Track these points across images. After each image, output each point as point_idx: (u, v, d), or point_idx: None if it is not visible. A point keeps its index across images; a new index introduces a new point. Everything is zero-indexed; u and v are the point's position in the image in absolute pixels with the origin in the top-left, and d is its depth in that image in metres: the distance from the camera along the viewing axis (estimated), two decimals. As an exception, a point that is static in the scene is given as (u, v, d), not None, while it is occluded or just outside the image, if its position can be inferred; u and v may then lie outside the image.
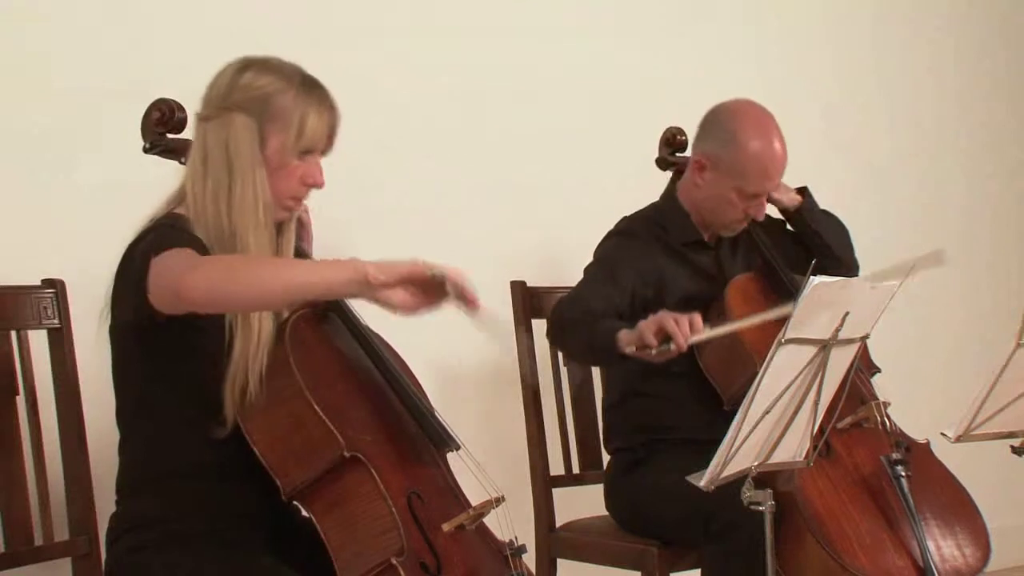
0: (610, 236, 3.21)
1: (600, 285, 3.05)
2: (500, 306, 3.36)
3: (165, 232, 2.23)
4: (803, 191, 3.27)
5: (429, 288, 2.16)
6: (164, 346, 2.26)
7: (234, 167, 2.27)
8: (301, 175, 2.33)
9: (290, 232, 2.41)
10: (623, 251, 3.14)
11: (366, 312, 2.43)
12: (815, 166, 4.36)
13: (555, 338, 3.12)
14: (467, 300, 2.16)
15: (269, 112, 2.29)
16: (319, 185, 2.36)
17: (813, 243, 3.25)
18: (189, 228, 2.26)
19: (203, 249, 2.22)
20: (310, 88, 2.33)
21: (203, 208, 2.28)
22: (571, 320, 3.00)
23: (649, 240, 3.16)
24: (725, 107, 3.13)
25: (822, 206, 3.32)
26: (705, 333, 2.73)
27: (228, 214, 2.27)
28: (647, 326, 2.74)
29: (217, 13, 3.27)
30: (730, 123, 3.08)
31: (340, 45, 3.42)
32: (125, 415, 2.36)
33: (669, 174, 3.32)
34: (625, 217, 3.25)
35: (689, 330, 2.70)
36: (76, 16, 3.09)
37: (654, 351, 2.73)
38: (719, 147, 3.08)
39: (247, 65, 2.33)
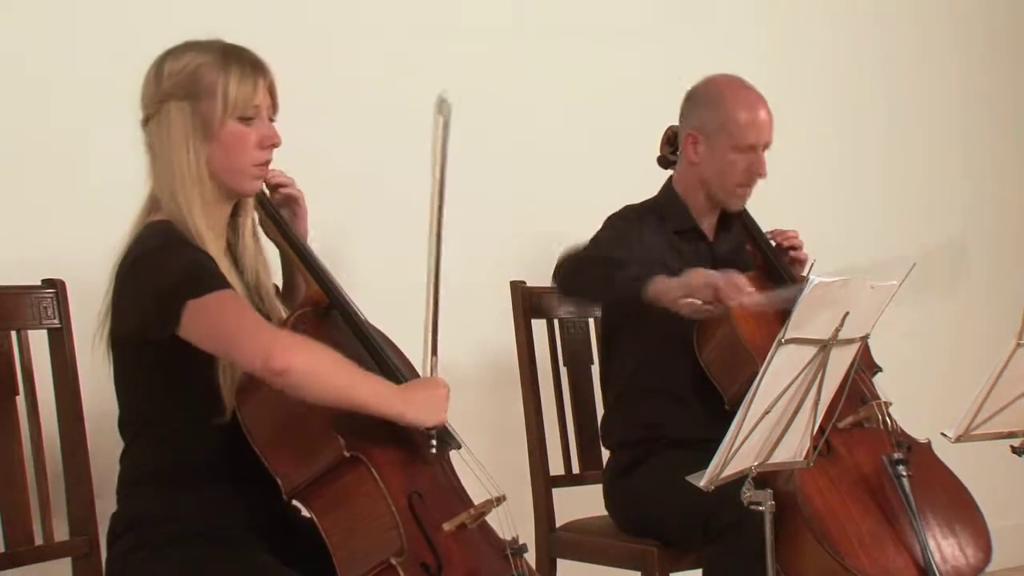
0: (614, 218, 3.20)
1: (615, 247, 3.06)
2: (500, 306, 3.36)
3: (189, 267, 2.21)
4: None
5: None
6: (165, 354, 2.25)
7: (174, 153, 2.28)
8: (257, 140, 2.32)
9: (248, 210, 2.41)
10: (629, 230, 3.14)
11: (368, 310, 2.44)
12: (817, 166, 4.38)
13: (566, 274, 3.06)
14: None
15: (198, 88, 2.29)
16: (277, 143, 2.35)
17: None
18: (178, 232, 2.26)
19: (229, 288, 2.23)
20: (229, 55, 2.32)
21: (165, 204, 2.29)
22: (590, 259, 3.02)
23: (649, 226, 3.17)
24: (700, 83, 3.22)
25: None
26: (756, 298, 2.75)
27: (180, 201, 2.27)
28: (696, 279, 2.79)
29: (220, 12, 3.26)
30: (708, 90, 3.19)
31: (342, 45, 3.42)
32: (127, 422, 2.36)
33: (670, 173, 3.32)
34: (626, 206, 3.26)
35: (738, 293, 2.75)
36: (76, 15, 3.09)
37: (699, 306, 2.77)
38: (705, 115, 3.16)
39: (164, 56, 2.34)
